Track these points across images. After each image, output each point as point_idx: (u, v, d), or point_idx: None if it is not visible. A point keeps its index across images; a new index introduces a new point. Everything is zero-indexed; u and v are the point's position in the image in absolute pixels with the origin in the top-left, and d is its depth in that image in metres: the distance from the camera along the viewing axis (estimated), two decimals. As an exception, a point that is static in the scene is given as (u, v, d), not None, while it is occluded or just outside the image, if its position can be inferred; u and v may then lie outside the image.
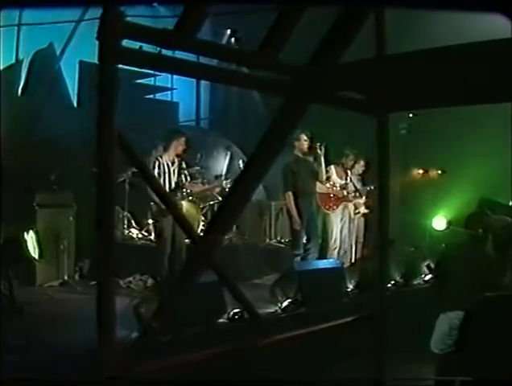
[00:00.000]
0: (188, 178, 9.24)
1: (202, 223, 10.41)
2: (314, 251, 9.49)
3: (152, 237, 10.34)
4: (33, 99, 11.07)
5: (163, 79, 14.06)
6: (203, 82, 14.28)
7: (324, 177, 9.70)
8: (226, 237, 10.71)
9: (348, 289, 8.81)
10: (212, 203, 10.70)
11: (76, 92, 11.91)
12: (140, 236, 10.47)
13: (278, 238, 12.26)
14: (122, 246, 10.00)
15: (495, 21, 3.36)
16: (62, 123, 10.06)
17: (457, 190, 11.60)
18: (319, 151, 9.41)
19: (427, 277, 10.12)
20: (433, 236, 11.93)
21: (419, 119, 12.13)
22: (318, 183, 9.80)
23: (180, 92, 14.23)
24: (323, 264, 9.20)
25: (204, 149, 11.55)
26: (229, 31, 13.67)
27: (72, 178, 9.90)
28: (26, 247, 8.07)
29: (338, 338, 6.29)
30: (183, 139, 9.12)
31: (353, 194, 10.48)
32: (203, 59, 4.55)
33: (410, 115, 13.04)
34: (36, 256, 8.22)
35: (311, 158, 9.60)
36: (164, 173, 9.03)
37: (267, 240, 12.03)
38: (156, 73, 13.61)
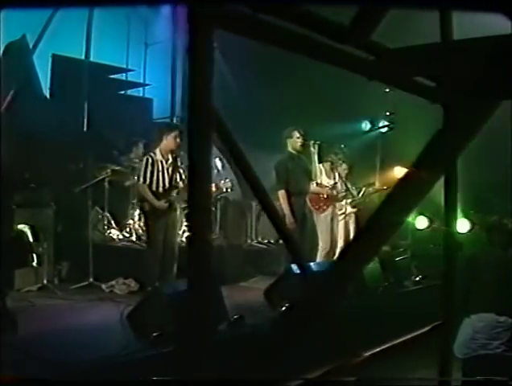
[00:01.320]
0: (183, 177, 8.62)
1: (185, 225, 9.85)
2: (307, 253, 8.95)
3: (134, 238, 9.70)
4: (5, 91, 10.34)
5: (134, 74, 13.42)
6: (178, 78, 13.68)
7: (318, 176, 9.16)
8: (211, 238, 10.19)
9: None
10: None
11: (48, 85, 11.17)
12: (121, 237, 9.79)
13: (260, 239, 11.70)
14: (103, 248, 9.35)
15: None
16: (35, 116, 9.37)
17: (438, 188, 11.23)
18: (312, 149, 8.89)
19: (417, 278, 9.70)
20: (415, 235, 11.56)
21: (398, 117, 11.86)
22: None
23: (154, 89, 13.57)
24: (320, 266, 8.68)
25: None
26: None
27: (50, 175, 9.21)
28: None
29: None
30: (175, 133, 8.51)
31: (343, 194, 9.96)
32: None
33: (388, 113, 12.78)
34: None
35: (304, 156, 9.05)
36: (158, 171, 8.41)
37: (249, 241, 11.46)
38: (128, 68, 13.03)
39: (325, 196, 9.79)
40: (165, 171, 8.49)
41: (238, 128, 9.57)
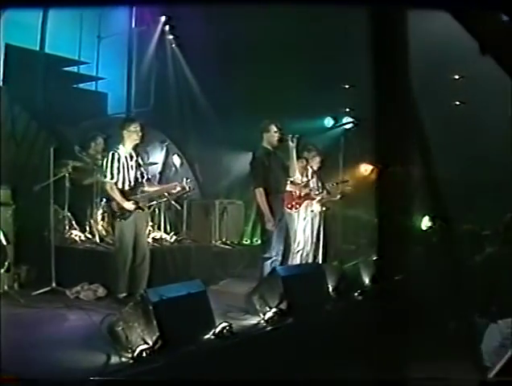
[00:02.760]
0: (145, 175, 7.92)
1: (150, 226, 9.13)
2: (285, 254, 8.33)
3: (97, 240, 8.89)
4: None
5: (88, 67, 12.57)
6: (134, 72, 12.90)
7: (296, 172, 8.52)
8: (178, 239, 9.51)
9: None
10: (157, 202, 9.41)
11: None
12: (83, 238, 8.97)
13: (224, 239, 11.04)
14: (64, 250, 8.51)
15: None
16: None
17: (406, 187, 10.81)
18: (290, 143, 8.26)
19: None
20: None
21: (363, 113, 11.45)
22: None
23: (109, 83, 12.73)
24: (304, 268, 8.10)
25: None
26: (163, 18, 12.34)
27: (8, 171, 8.34)
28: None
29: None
30: (137, 127, 7.84)
31: (316, 191, 9.38)
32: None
33: (347, 110, 12.33)
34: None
35: (279, 152, 8.40)
36: (123, 168, 7.71)
37: (213, 242, 10.78)
38: (81, 60, 12.20)
39: (298, 194, 9.19)
40: (129, 168, 7.81)
41: (184, 126, 8.95)
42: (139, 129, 7.84)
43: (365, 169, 11.46)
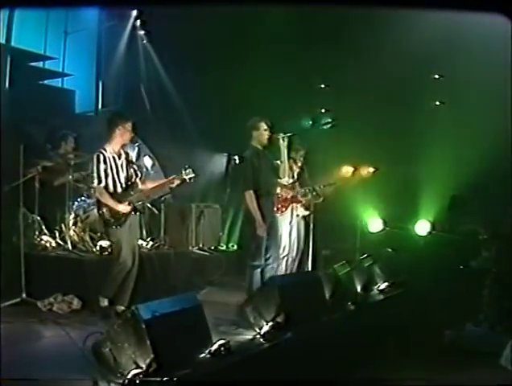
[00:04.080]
0: (139, 174, 7.15)
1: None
2: (274, 261, 7.61)
3: (69, 246, 8.04)
4: None
5: (54, 63, 11.67)
6: (104, 69, 12.06)
7: (286, 174, 7.81)
8: (155, 245, 8.72)
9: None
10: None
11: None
12: (54, 244, 8.12)
13: (201, 245, 10.28)
14: (34, 257, 7.67)
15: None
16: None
17: (391, 189, 10.25)
18: (281, 142, 7.54)
19: (383, 286, 8.50)
20: (367, 238, 10.50)
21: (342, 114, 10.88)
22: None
23: (76, 80, 11.85)
24: (299, 277, 7.39)
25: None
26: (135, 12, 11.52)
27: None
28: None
29: None
30: (129, 124, 7.05)
31: (302, 193, 8.65)
32: None
33: (323, 110, 11.75)
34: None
35: (268, 151, 7.68)
36: (112, 169, 6.92)
37: (190, 248, 10.01)
38: (47, 55, 11.31)
39: (284, 196, 8.47)
40: (119, 169, 7.03)
41: (156, 126, 8.18)
42: (131, 129, 7.09)
43: (346, 170, 10.78)
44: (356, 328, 7.00)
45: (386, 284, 8.50)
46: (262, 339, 6.07)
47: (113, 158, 6.98)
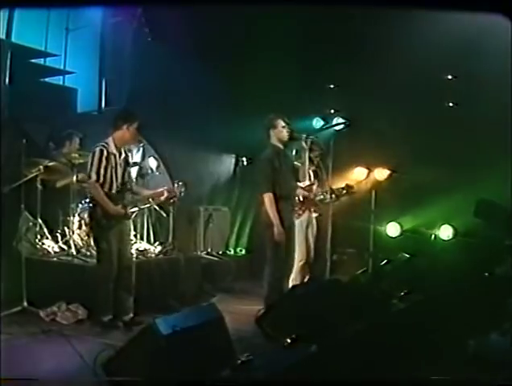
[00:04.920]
0: (133, 176, 6.64)
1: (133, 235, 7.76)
2: (292, 268, 7.06)
3: (73, 251, 7.45)
4: None
5: (55, 61, 11.08)
6: (107, 67, 11.47)
7: (307, 177, 7.24)
8: (164, 250, 8.14)
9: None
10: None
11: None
12: (57, 249, 7.53)
13: (209, 249, 9.70)
14: (35, 263, 7.09)
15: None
16: None
17: (408, 192, 9.70)
18: (304, 145, 7.01)
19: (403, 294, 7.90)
20: (384, 243, 9.94)
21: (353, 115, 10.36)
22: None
23: (79, 78, 11.25)
24: (321, 285, 6.82)
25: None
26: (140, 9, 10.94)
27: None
28: None
29: None
30: (136, 124, 6.56)
31: (320, 197, 8.08)
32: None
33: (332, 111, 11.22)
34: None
35: (288, 151, 7.13)
36: (112, 167, 6.38)
37: (198, 253, 9.44)
38: (48, 52, 10.73)
39: (301, 199, 7.88)
40: (118, 168, 6.51)
41: (162, 127, 7.61)
42: (137, 129, 6.61)
43: (361, 173, 10.24)
44: (378, 339, 6.45)
45: (407, 291, 7.94)
46: (285, 353, 5.52)
47: (114, 155, 6.48)
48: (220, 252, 10.03)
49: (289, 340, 5.62)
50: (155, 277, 7.46)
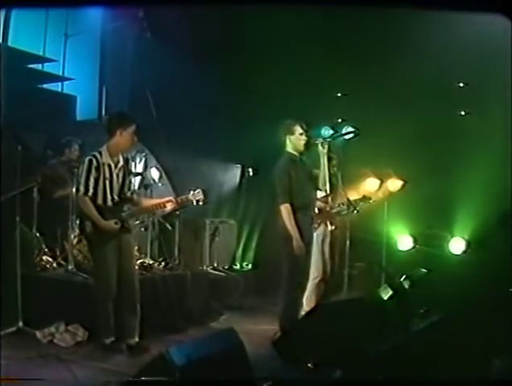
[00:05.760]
0: (134, 187, 6.08)
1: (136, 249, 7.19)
2: (309, 286, 6.50)
3: (73, 268, 6.87)
4: None
5: (53, 67, 10.55)
6: (108, 74, 10.94)
7: (328, 185, 6.65)
8: (169, 265, 7.58)
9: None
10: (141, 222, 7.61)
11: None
12: (55, 265, 6.97)
13: (215, 264, 9.14)
14: (32, 280, 6.50)
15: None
16: None
17: (421, 203, 9.22)
18: (321, 149, 6.46)
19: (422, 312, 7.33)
20: (396, 256, 9.46)
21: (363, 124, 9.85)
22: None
23: (78, 85, 10.71)
24: (345, 305, 6.22)
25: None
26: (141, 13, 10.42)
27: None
28: None
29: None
30: (132, 128, 5.96)
31: (337, 208, 7.51)
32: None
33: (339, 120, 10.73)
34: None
35: (305, 158, 6.56)
36: (105, 178, 5.84)
37: (204, 267, 8.87)
38: (47, 57, 10.20)
39: (316, 211, 7.28)
40: (114, 178, 5.94)
41: (179, 132, 7.03)
42: (135, 134, 6.02)
43: (373, 183, 9.72)
44: (402, 360, 5.90)
45: (425, 309, 7.39)
46: (307, 379, 4.97)
47: (109, 165, 5.90)
48: (226, 267, 9.45)
49: (311, 365, 5.09)
50: (161, 294, 6.87)
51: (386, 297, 6.64)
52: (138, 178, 8.30)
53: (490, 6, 3.54)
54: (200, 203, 6.13)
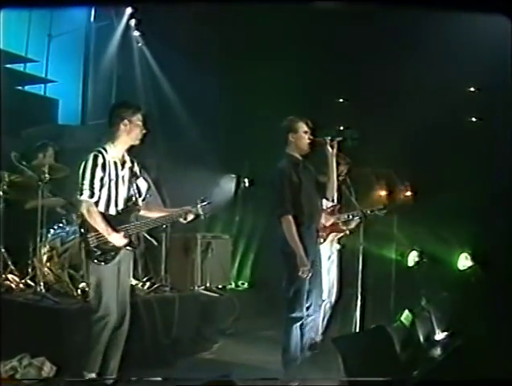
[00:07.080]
0: (142, 194, 5.09)
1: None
2: (316, 311, 5.49)
3: (42, 289, 5.86)
4: None
5: (36, 67, 9.78)
6: (91, 76, 10.10)
7: (335, 191, 5.64)
8: (153, 286, 6.61)
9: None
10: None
11: None
12: (22, 286, 5.98)
13: (208, 284, 8.18)
14: (-5, 303, 5.51)
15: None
16: None
17: (430, 216, 8.40)
18: (329, 148, 5.48)
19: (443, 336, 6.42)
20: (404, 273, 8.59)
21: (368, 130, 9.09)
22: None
23: (60, 87, 9.89)
24: (364, 336, 5.26)
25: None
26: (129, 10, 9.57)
27: None
28: None
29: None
30: (139, 117, 4.86)
31: (345, 220, 6.55)
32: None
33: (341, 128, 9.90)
34: None
35: (308, 161, 5.59)
36: (111, 179, 4.74)
37: (195, 288, 7.91)
38: (29, 58, 9.43)
39: (322, 224, 6.27)
40: (120, 181, 4.81)
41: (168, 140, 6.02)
42: (141, 124, 4.89)
43: (380, 194, 8.88)
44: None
45: (446, 333, 6.47)
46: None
47: (115, 164, 4.77)
48: (220, 287, 8.51)
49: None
50: (144, 320, 5.88)
51: (408, 324, 5.73)
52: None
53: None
54: (207, 217, 5.24)
